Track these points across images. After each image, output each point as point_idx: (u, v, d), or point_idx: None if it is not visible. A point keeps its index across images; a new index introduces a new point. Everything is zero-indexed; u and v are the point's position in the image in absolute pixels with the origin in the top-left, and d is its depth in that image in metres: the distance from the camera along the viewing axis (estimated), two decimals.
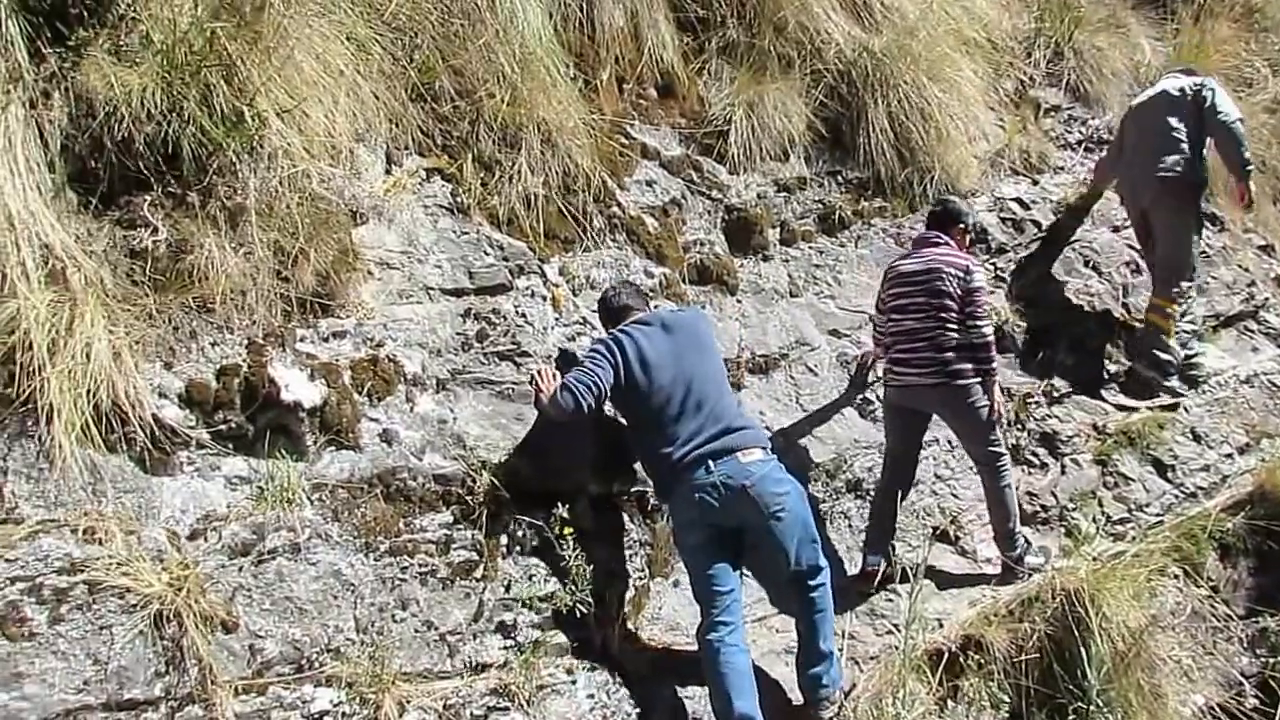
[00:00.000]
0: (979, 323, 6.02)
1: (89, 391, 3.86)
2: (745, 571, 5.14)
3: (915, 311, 6.09)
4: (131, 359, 4.07)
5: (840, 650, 5.25)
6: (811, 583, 5.02)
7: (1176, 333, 7.59)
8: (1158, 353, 7.54)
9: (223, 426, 4.33)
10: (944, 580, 6.17)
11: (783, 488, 4.97)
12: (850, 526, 6.23)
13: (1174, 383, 7.60)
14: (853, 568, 6.06)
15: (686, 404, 4.98)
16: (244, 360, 4.43)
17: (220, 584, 4.10)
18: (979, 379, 6.02)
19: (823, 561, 5.06)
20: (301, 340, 4.65)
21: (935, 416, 6.27)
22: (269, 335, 4.53)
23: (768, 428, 6.07)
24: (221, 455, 4.32)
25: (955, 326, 6.02)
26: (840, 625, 5.39)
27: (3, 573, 3.64)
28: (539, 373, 5.12)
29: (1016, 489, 6.38)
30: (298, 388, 4.50)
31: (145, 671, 3.81)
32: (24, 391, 3.78)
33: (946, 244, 6.26)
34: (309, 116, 4.77)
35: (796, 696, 5.16)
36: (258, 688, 4.06)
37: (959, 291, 6.03)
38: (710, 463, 4.89)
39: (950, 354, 5.99)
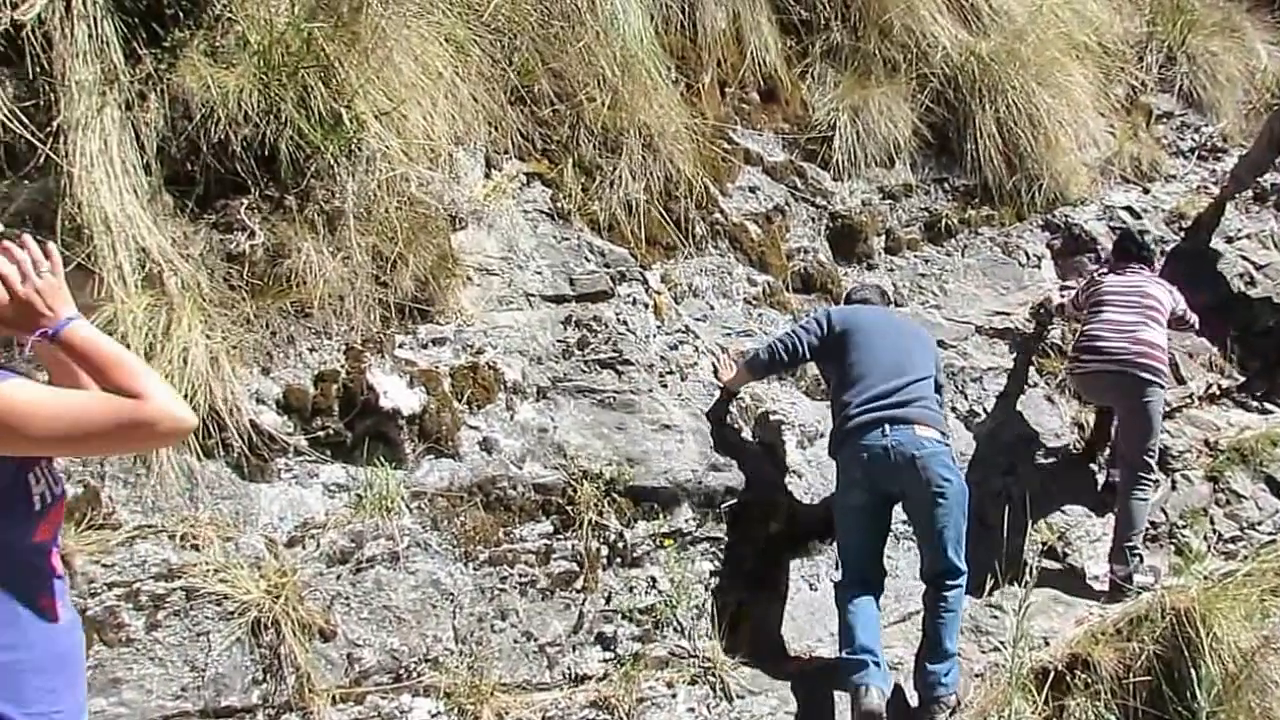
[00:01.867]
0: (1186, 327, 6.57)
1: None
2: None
3: (1121, 306, 6.33)
4: (229, 364, 3.99)
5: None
6: (949, 582, 5.02)
7: None
8: None
9: (320, 433, 4.24)
10: (1051, 598, 6.00)
11: (949, 474, 5.04)
12: None
13: None
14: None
15: (884, 368, 5.17)
16: (342, 366, 4.33)
17: (318, 592, 4.00)
18: (1163, 383, 6.21)
19: (964, 565, 5.06)
20: (400, 346, 4.54)
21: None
22: (367, 341, 4.42)
23: None
24: (319, 462, 4.23)
25: (1158, 328, 6.30)
26: None
27: (101, 578, 3.58)
28: (719, 359, 5.47)
29: (1149, 509, 6.29)
30: (396, 394, 4.38)
31: (243, 679, 3.74)
32: None
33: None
34: (407, 119, 4.67)
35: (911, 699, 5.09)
36: (355, 697, 3.97)
37: (1168, 304, 6.43)
38: (886, 426, 5.00)
39: (1146, 348, 6.15)
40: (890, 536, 5.30)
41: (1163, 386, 6.23)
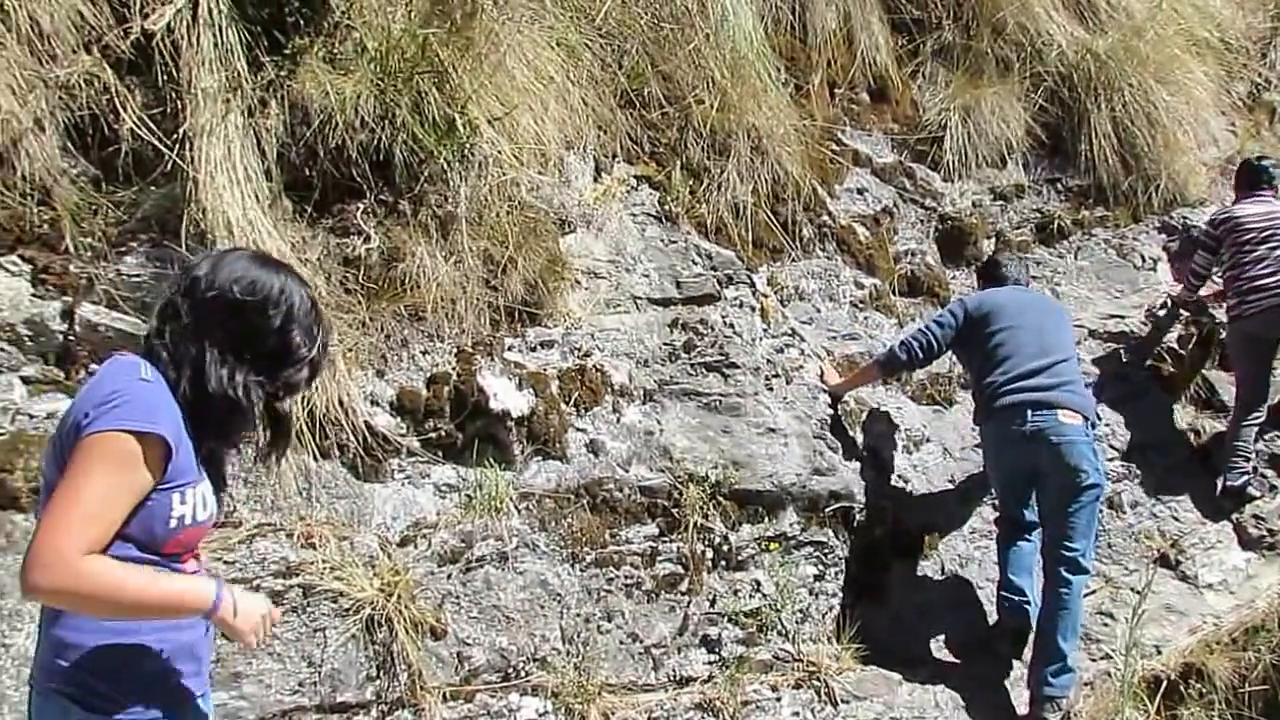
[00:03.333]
0: None
1: (304, 398, 3.83)
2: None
3: (1272, 239, 6.37)
4: (345, 366, 4.07)
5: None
6: (1070, 575, 5.04)
7: None
8: None
9: (432, 434, 4.30)
10: (1164, 606, 5.89)
11: (1088, 465, 5.07)
12: None
13: None
14: None
15: (1029, 348, 5.21)
16: (453, 369, 4.39)
17: (429, 590, 4.05)
18: None
19: (1088, 563, 5.13)
20: (510, 349, 4.59)
21: None
22: (478, 344, 4.48)
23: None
24: (431, 463, 4.29)
25: None
26: None
27: (222, 574, 3.62)
28: (824, 365, 5.47)
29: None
30: (506, 397, 4.44)
31: (357, 675, 3.81)
32: None
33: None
34: (519, 123, 4.71)
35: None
36: (465, 694, 4.01)
37: None
38: (1029, 412, 5.06)
39: None
40: None
41: None
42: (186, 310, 2.40)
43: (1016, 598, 5.16)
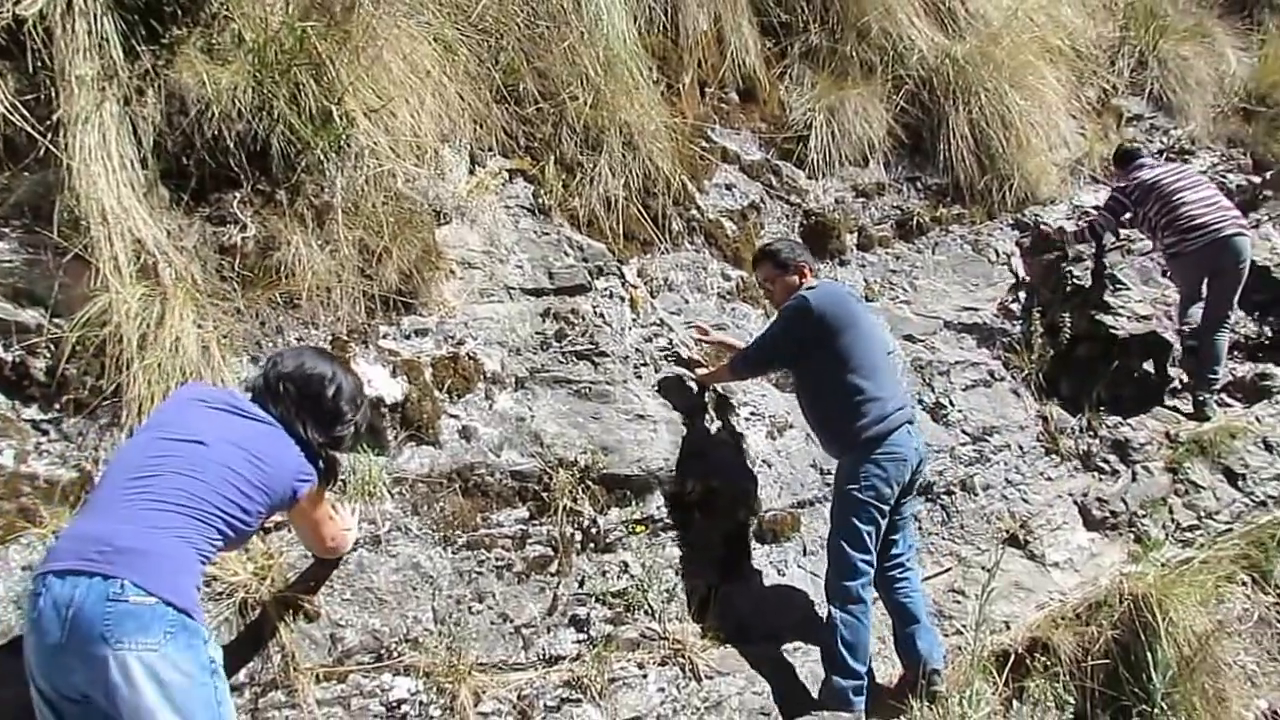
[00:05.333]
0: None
1: (177, 384, 3.81)
2: None
3: (1191, 186, 7.27)
4: (220, 353, 4.04)
5: None
6: (911, 563, 5.18)
7: None
8: None
9: None
10: (1012, 584, 6.04)
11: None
12: (921, 529, 6.05)
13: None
14: (924, 569, 5.83)
15: (885, 364, 5.12)
16: None
17: (304, 575, 4.04)
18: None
19: None
20: (384, 337, 4.60)
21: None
22: (353, 332, 4.48)
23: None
24: None
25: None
26: None
27: None
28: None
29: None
30: (380, 384, 4.45)
31: (230, 658, 3.72)
32: (114, 384, 3.77)
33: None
34: (395, 116, 4.72)
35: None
36: (338, 675, 4.00)
37: None
38: (908, 428, 5.02)
39: (1236, 213, 7.31)
40: None
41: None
42: None
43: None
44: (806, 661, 5.13)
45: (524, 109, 5.43)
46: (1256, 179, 8.67)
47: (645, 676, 4.70)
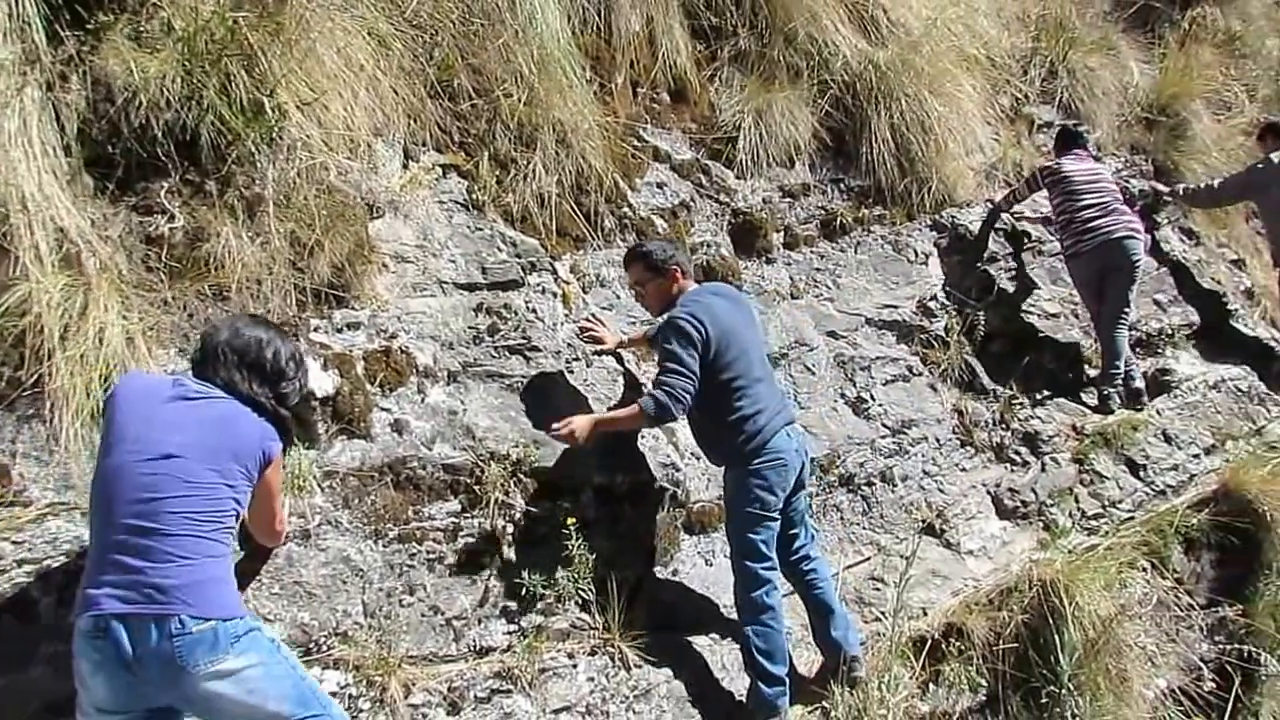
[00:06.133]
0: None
1: (101, 376, 3.58)
2: None
3: (1093, 190, 7.32)
4: (145, 345, 3.80)
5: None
6: (815, 552, 5.08)
7: None
8: None
9: None
10: (929, 571, 5.99)
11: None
12: (843, 519, 5.99)
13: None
14: (845, 558, 5.83)
15: (762, 371, 4.90)
16: None
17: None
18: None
19: None
20: (316, 330, 4.38)
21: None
22: (284, 324, 4.22)
23: None
24: None
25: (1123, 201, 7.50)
26: None
27: (10, 555, 3.39)
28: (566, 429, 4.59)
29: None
30: (311, 377, 4.18)
31: None
32: (34, 375, 3.52)
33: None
34: (328, 110, 4.51)
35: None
36: None
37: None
38: (788, 430, 4.86)
39: (1130, 218, 7.38)
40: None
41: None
42: None
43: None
44: (733, 649, 5.01)
45: (458, 105, 5.22)
46: (1160, 185, 8.70)
47: (575, 666, 4.56)
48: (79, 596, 3.05)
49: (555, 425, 4.58)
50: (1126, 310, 7.30)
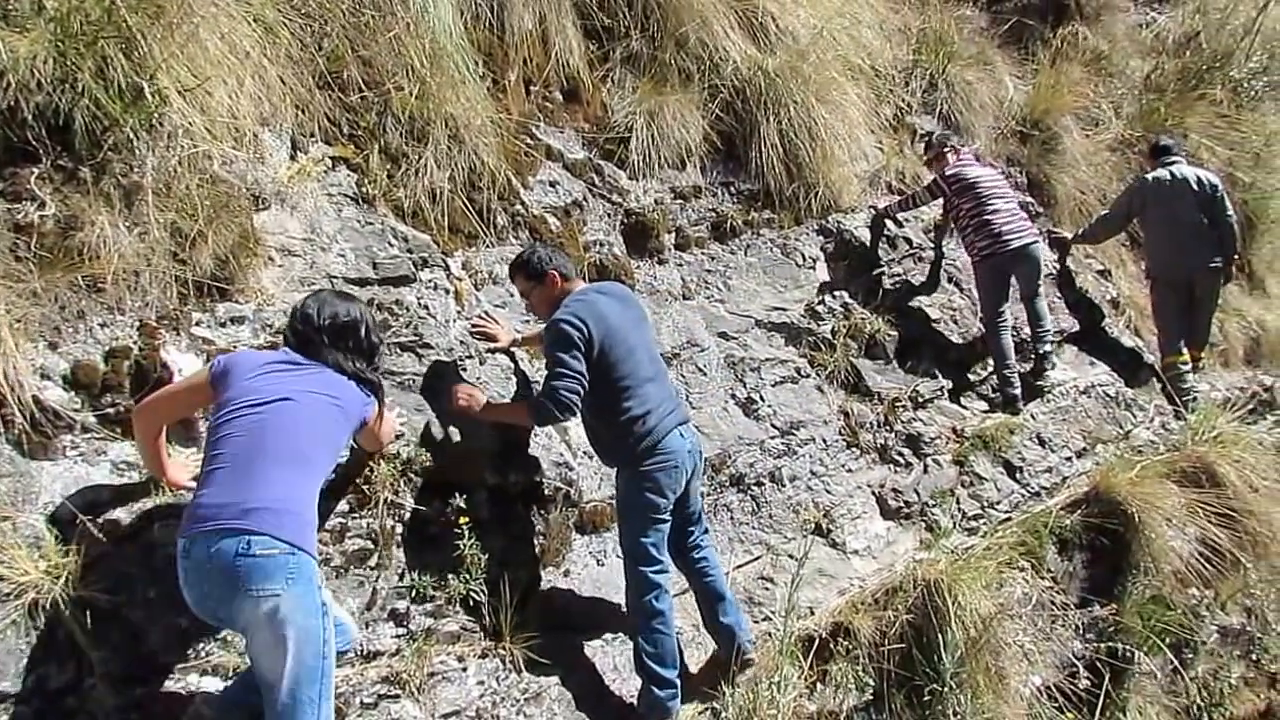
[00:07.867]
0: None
1: None
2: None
3: (999, 195, 7.55)
4: (12, 338, 3.54)
5: None
6: (706, 541, 5.01)
7: None
8: None
9: (110, 410, 3.81)
10: (816, 570, 5.92)
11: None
12: (732, 519, 5.90)
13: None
14: (735, 557, 5.75)
15: (652, 371, 4.75)
16: (135, 342, 3.90)
17: (103, 572, 3.58)
18: None
19: None
20: (197, 324, 4.13)
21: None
22: (163, 318, 4.00)
23: None
24: (108, 440, 3.80)
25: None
26: None
27: None
28: (467, 395, 4.67)
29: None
30: (192, 372, 3.94)
31: (17, 663, 3.33)
32: None
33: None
34: (212, 97, 4.24)
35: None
36: (138, 678, 3.57)
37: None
38: (681, 430, 4.74)
39: (1031, 224, 7.88)
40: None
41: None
42: None
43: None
44: (625, 650, 4.89)
45: (348, 96, 4.99)
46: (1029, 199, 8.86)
47: (465, 670, 4.41)
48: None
49: (458, 395, 4.62)
50: (1043, 319, 7.73)
